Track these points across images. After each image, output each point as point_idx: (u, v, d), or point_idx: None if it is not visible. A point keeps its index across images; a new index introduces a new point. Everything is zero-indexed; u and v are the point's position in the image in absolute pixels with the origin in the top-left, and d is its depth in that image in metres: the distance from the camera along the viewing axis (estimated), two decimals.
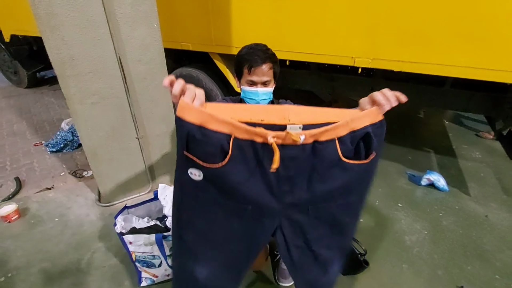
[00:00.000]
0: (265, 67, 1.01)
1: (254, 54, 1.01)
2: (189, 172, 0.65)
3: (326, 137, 0.62)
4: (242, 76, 1.06)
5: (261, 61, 1.00)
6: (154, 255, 1.17)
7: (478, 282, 1.37)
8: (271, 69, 1.04)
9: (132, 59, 1.45)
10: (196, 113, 0.59)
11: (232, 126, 0.59)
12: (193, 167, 0.64)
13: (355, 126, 0.63)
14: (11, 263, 1.41)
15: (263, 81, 1.03)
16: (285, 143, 0.61)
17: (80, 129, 1.50)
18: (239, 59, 1.05)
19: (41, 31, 1.23)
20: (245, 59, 1.03)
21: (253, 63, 1.01)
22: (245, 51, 1.05)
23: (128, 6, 1.33)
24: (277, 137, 0.59)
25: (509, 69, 1.39)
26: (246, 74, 1.03)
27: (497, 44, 1.36)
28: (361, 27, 1.60)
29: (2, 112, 3.50)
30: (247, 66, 1.02)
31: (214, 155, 0.61)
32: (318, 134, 0.61)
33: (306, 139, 0.60)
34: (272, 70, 1.04)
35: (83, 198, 1.88)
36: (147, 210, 1.34)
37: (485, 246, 1.58)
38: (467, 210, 1.86)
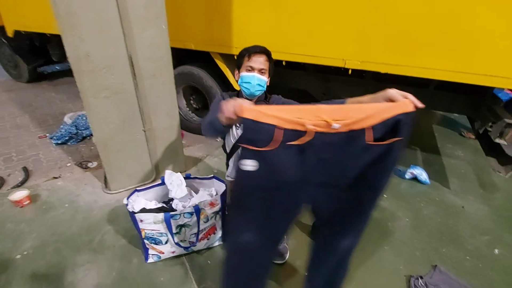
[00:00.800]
0: (262, 57, 1.20)
1: (254, 47, 1.21)
2: (243, 164, 0.80)
3: (358, 126, 0.76)
4: (242, 65, 1.23)
5: (260, 51, 1.20)
6: (162, 232, 1.30)
7: (450, 262, 1.53)
8: (267, 62, 1.22)
9: (142, 57, 1.58)
10: (249, 111, 0.76)
11: (277, 119, 0.75)
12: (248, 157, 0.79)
13: (386, 116, 0.76)
14: (27, 243, 1.53)
15: (260, 68, 1.20)
16: (323, 130, 0.75)
17: (92, 121, 1.62)
18: (241, 52, 1.23)
19: (60, 29, 1.34)
20: (246, 50, 1.22)
21: (252, 51, 1.20)
22: (245, 47, 1.23)
23: (141, 8, 1.46)
24: (315, 125, 0.74)
25: (484, 73, 1.55)
26: (246, 61, 1.21)
27: (474, 50, 1.52)
28: (351, 32, 1.75)
29: (4, 106, 3.57)
30: (247, 54, 1.20)
31: (265, 142, 0.77)
32: (352, 123, 0.75)
33: (341, 128, 0.75)
34: (268, 63, 1.22)
35: (91, 187, 2.00)
36: (154, 194, 1.48)
37: (460, 232, 1.75)
38: (446, 201, 2.03)
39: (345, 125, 0.75)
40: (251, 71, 1.21)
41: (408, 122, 0.77)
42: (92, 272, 1.38)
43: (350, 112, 0.76)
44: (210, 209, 1.36)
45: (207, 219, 1.38)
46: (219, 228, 1.50)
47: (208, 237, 1.46)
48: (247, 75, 1.21)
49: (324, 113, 0.75)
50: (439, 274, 1.46)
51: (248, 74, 1.21)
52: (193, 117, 2.84)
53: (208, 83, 2.49)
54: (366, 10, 1.66)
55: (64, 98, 3.88)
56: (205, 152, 2.52)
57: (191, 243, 1.40)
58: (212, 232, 1.47)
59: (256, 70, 1.20)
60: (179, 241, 1.36)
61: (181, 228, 1.32)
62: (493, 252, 1.62)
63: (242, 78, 1.23)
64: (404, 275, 1.44)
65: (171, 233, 1.30)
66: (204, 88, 2.54)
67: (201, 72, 2.50)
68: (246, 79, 1.21)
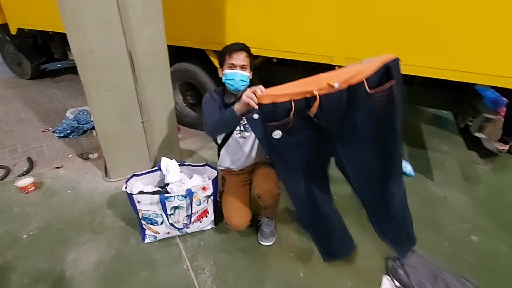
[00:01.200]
0: (243, 53, 1.31)
1: (234, 45, 1.32)
2: (273, 135, 1.02)
3: (356, 80, 0.92)
4: (224, 63, 1.34)
5: (239, 48, 1.31)
6: (157, 213, 1.42)
7: (429, 247, 1.63)
8: (247, 57, 1.33)
9: (141, 54, 1.70)
10: (266, 97, 0.95)
11: (289, 95, 0.94)
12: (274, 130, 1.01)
13: (378, 66, 0.92)
14: (32, 224, 1.65)
15: (241, 64, 1.31)
16: (327, 92, 0.92)
17: (94, 112, 1.74)
18: (222, 51, 1.34)
19: (66, 27, 1.46)
20: (227, 48, 1.33)
21: (233, 49, 1.31)
22: (226, 46, 1.35)
23: (139, 8, 1.58)
24: (319, 90, 0.91)
25: (463, 70, 1.65)
26: (227, 59, 1.32)
27: (453, 48, 1.61)
28: (337, 31, 1.86)
29: (9, 101, 3.70)
30: (228, 52, 1.31)
31: (284, 116, 0.97)
32: (348, 79, 0.91)
33: (341, 85, 0.91)
34: (248, 58, 1.34)
35: (92, 175, 2.11)
36: (151, 179, 1.59)
37: (440, 220, 1.85)
38: (429, 192, 2.14)
39: (344, 82, 0.92)
40: (233, 68, 1.32)
41: (396, 66, 0.95)
42: (92, 250, 1.50)
43: (344, 73, 0.93)
44: (202, 192, 1.48)
45: (199, 202, 1.50)
46: (211, 212, 1.61)
47: (200, 220, 1.57)
48: (230, 72, 1.32)
49: (324, 80, 0.92)
50: (416, 257, 1.55)
51: (231, 72, 1.32)
52: (189, 112, 2.96)
53: (203, 79, 2.61)
54: (349, 9, 1.78)
55: (66, 94, 4.00)
56: (200, 145, 2.63)
57: (184, 225, 1.51)
58: (204, 215, 1.58)
59: (238, 67, 1.31)
60: (173, 222, 1.47)
61: (175, 209, 1.44)
62: (471, 238, 1.72)
63: (225, 75, 1.34)
64: (383, 257, 1.55)
65: (166, 214, 1.42)
66: (200, 84, 2.66)
67: (197, 69, 2.62)
68: (230, 76, 1.33)
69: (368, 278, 1.42)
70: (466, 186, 2.25)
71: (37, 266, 1.41)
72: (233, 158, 1.58)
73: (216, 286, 1.34)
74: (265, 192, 1.42)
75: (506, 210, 1.95)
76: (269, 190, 1.43)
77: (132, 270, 1.40)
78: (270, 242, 1.58)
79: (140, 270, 1.40)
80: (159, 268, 1.42)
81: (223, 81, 1.37)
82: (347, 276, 1.42)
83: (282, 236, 1.63)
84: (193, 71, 2.63)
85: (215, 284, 1.35)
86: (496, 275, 1.46)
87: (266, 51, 2.17)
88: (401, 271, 1.42)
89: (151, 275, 1.38)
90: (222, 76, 1.39)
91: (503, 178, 2.33)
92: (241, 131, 1.49)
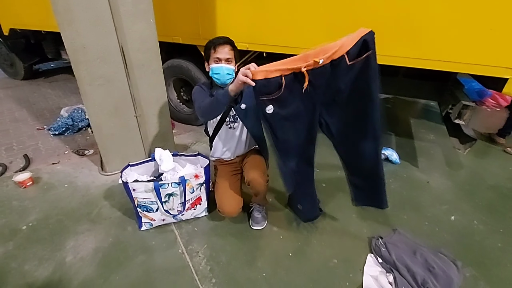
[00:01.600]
0: (227, 47, 1.37)
1: (218, 39, 1.38)
2: (266, 110, 1.15)
3: (338, 55, 1.05)
4: (210, 57, 1.40)
5: (223, 42, 1.37)
6: (152, 200, 1.49)
7: (410, 226, 1.73)
8: (232, 51, 1.39)
9: (133, 49, 1.75)
10: (259, 73, 1.07)
11: (280, 70, 1.07)
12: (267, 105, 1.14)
13: (356, 39, 1.06)
14: (31, 216, 1.71)
15: (226, 57, 1.37)
16: (313, 67, 1.05)
17: (88, 106, 1.79)
18: (207, 45, 1.40)
19: (59, 24, 1.52)
20: (211, 42, 1.38)
21: (217, 43, 1.37)
22: (210, 40, 1.41)
23: (130, 5, 1.64)
24: (306, 66, 1.04)
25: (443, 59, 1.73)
26: (212, 53, 1.38)
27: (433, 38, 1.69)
28: (323, 24, 1.94)
29: (2, 102, 3.71)
30: (213, 47, 1.37)
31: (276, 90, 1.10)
32: (331, 55, 1.04)
33: (325, 61, 1.05)
34: (233, 51, 1.40)
35: (88, 170, 2.17)
36: (145, 169, 1.66)
37: (422, 203, 1.96)
38: (413, 177, 2.24)
39: (327, 58, 1.05)
40: (219, 62, 1.38)
41: (372, 39, 1.09)
42: (91, 238, 1.57)
43: (328, 49, 1.06)
44: (195, 180, 1.55)
45: (192, 190, 1.57)
46: (205, 199, 1.68)
47: (194, 207, 1.65)
48: (216, 67, 1.38)
49: (311, 56, 1.05)
50: (398, 235, 1.65)
51: (216, 66, 1.38)
52: (183, 108, 3.02)
53: (196, 75, 2.67)
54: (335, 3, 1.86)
55: (60, 93, 4.03)
56: (194, 139, 2.70)
57: (179, 212, 1.59)
58: (198, 202, 1.65)
59: (223, 61, 1.37)
60: (168, 209, 1.54)
61: (169, 196, 1.51)
62: (449, 218, 1.82)
63: (212, 69, 1.40)
64: (367, 237, 1.64)
65: (160, 201, 1.49)
66: (193, 79, 2.72)
67: (190, 65, 2.68)
68: (216, 71, 1.39)
69: (353, 256, 1.51)
70: (448, 171, 2.36)
71: (37, 253, 1.47)
72: (224, 148, 1.65)
73: (210, 267, 1.42)
74: (254, 179, 1.50)
75: (484, 192, 2.07)
76: (257, 177, 1.50)
77: (130, 255, 1.47)
78: (261, 227, 1.66)
79: (137, 255, 1.48)
80: (155, 252, 1.50)
81: (210, 75, 1.43)
82: (334, 255, 1.51)
83: (273, 221, 1.71)
84: (186, 67, 2.69)
85: (209, 265, 1.43)
86: (471, 249, 1.57)
87: (257, 46, 2.24)
88: (383, 249, 1.52)
89: (147, 259, 1.46)
90: (208, 70, 1.45)
91: (483, 164, 2.45)
92: (231, 122, 1.57)
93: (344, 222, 1.75)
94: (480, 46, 1.63)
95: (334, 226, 1.71)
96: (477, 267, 1.46)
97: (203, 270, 1.40)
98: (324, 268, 1.44)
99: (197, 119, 2.95)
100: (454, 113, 2.08)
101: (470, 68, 1.72)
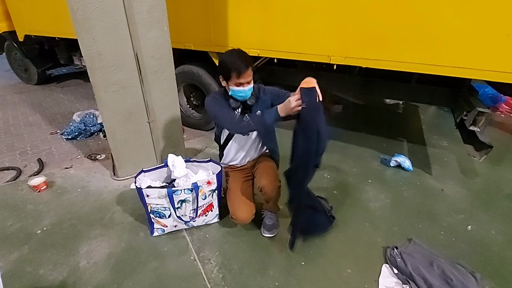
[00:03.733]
0: (249, 70, 1.35)
1: (239, 62, 1.33)
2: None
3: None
4: (230, 79, 1.37)
5: (245, 68, 1.33)
6: (165, 206, 1.49)
7: (425, 236, 1.70)
8: (251, 69, 1.38)
9: (147, 56, 1.78)
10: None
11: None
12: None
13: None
14: (45, 221, 1.73)
15: (248, 80, 1.38)
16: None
17: (103, 112, 1.82)
18: (227, 66, 1.35)
19: (77, 32, 1.55)
20: (233, 67, 1.33)
21: (241, 70, 1.33)
22: (229, 60, 1.34)
23: (145, 13, 1.67)
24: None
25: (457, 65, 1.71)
26: (235, 78, 1.35)
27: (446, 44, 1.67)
28: (334, 30, 1.94)
29: (17, 106, 3.80)
30: (235, 73, 1.33)
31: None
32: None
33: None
34: (252, 69, 1.38)
35: (100, 174, 2.20)
36: (158, 175, 1.67)
37: (436, 211, 1.91)
38: (427, 185, 2.20)
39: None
40: (241, 86, 1.37)
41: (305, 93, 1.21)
42: (104, 243, 1.57)
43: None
44: (208, 187, 1.55)
45: (205, 196, 1.57)
46: (216, 206, 1.68)
47: (206, 214, 1.65)
48: (240, 89, 1.38)
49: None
50: (413, 245, 1.61)
51: (239, 89, 1.38)
52: (193, 113, 3.04)
53: (207, 80, 2.69)
54: (345, 10, 1.85)
55: (72, 98, 4.11)
56: (204, 144, 2.71)
57: (191, 218, 1.59)
58: (210, 209, 1.65)
59: (245, 83, 1.38)
60: (180, 215, 1.54)
61: (182, 203, 1.51)
62: (466, 228, 1.78)
63: (234, 91, 1.40)
64: (382, 246, 1.61)
65: (173, 207, 1.49)
66: (203, 85, 2.74)
67: (200, 71, 2.70)
68: (240, 93, 1.40)
69: (367, 266, 1.48)
70: (463, 179, 2.31)
71: (52, 258, 1.48)
72: (238, 154, 1.65)
73: (222, 275, 1.41)
74: (266, 184, 1.49)
75: (500, 201, 2.01)
76: (270, 183, 1.50)
77: (142, 261, 1.47)
78: (273, 234, 1.65)
79: (150, 261, 1.48)
80: (167, 259, 1.49)
81: (231, 94, 1.43)
82: (347, 264, 1.49)
83: (284, 229, 1.69)
84: (197, 73, 2.72)
85: (221, 273, 1.42)
86: (489, 261, 1.52)
87: (268, 52, 2.25)
88: (398, 259, 1.48)
89: (160, 265, 1.46)
90: (225, 86, 1.44)
91: (499, 171, 2.39)
92: None
93: (357, 230, 1.72)
94: (496, 52, 1.60)
95: (347, 235, 1.68)
96: (496, 280, 1.41)
97: (215, 278, 1.39)
98: (338, 278, 1.41)
99: (206, 124, 2.96)
100: (469, 120, 2.05)
101: (486, 74, 1.69)
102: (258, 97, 1.51)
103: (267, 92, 1.53)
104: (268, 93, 1.53)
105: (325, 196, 1.92)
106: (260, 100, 1.50)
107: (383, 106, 3.87)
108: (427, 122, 3.42)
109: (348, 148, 2.69)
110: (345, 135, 2.91)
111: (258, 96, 1.51)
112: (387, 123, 3.37)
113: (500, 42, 1.56)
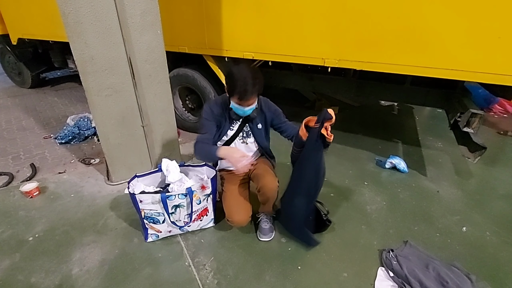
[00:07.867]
0: (253, 97, 1.34)
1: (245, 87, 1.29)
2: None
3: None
4: (232, 96, 1.37)
5: (250, 95, 1.32)
6: (159, 212, 1.47)
7: (421, 238, 1.69)
8: (256, 94, 1.36)
9: (140, 59, 1.77)
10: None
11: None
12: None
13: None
14: (38, 227, 1.70)
15: (250, 103, 1.37)
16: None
17: (95, 116, 1.80)
18: (234, 84, 1.31)
19: (68, 35, 1.53)
20: (238, 91, 1.30)
21: (243, 96, 1.32)
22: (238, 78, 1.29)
23: (138, 17, 1.65)
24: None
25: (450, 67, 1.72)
26: (236, 99, 1.34)
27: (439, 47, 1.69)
28: (328, 33, 1.94)
29: (10, 110, 3.75)
30: (238, 96, 1.32)
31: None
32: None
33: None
34: (257, 93, 1.36)
35: (94, 179, 2.17)
36: (152, 180, 1.65)
37: (432, 213, 1.92)
38: (422, 187, 2.20)
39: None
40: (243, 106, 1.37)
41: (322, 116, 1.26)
42: (97, 249, 1.55)
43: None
44: (202, 191, 1.53)
45: (199, 201, 1.55)
46: (211, 210, 1.66)
47: (201, 219, 1.63)
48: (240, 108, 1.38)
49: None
50: (409, 248, 1.61)
51: (240, 108, 1.38)
52: (188, 117, 3.03)
53: (202, 83, 2.68)
54: (339, 13, 1.86)
55: (66, 102, 4.07)
56: None
57: (185, 223, 1.57)
58: (205, 214, 1.64)
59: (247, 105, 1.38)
60: (174, 220, 1.53)
61: (176, 208, 1.49)
62: (461, 229, 1.78)
63: (234, 107, 1.41)
64: (378, 249, 1.60)
65: (167, 213, 1.47)
66: (199, 88, 2.73)
67: (195, 74, 2.69)
68: (239, 111, 1.41)
69: (363, 270, 1.47)
70: (458, 180, 2.32)
71: (44, 265, 1.46)
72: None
73: (217, 281, 1.39)
74: (265, 184, 1.49)
75: (495, 202, 2.02)
76: (268, 183, 1.49)
77: (136, 268, 1.45)
78: (269, 238, 1.64)
79: (144, 267, 1.45)
80: (161, 265, 1.47)
81: (231, 107, 1.43)
82: (344, 268, 1.48)
83: (280, 232, 1.68)
84: (192, 76, 2.71)
85: (216, 279, 1.40)
86: (484, 262, 1.53)
87: (262, 55, 2.25)
88: (394, 262, 1.48)
89: (154, 271, 1.43)
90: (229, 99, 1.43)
91: (493, 172, 2.40)
92: (244, 137, 1.59)
93: (353, 233, 1.72)
94: (489, 55, 1.62)
95: (343, 238, 1.68)
96: (491, 281, 1.41)
97: (210, 284, 1.38)
98: (334, 282, 1.40)
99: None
100: (463, 121, 2.06)
101: (478, 76, 1.70)
102: (262, 109, 1.53)
103: (271, 109, 1.56)
104: (272, 110, 1.56)
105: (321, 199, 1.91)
106: (262, 113, 1.54)
107: (378, 107, 3.89)
108: (422, 124, 3.44)
109: (344, 150, 2.69)
110: (341, 136, 2.91)
111: (262, 109, 1.53)
112: (382, 124, 3.38)
113: (492, 44, 1.58)
